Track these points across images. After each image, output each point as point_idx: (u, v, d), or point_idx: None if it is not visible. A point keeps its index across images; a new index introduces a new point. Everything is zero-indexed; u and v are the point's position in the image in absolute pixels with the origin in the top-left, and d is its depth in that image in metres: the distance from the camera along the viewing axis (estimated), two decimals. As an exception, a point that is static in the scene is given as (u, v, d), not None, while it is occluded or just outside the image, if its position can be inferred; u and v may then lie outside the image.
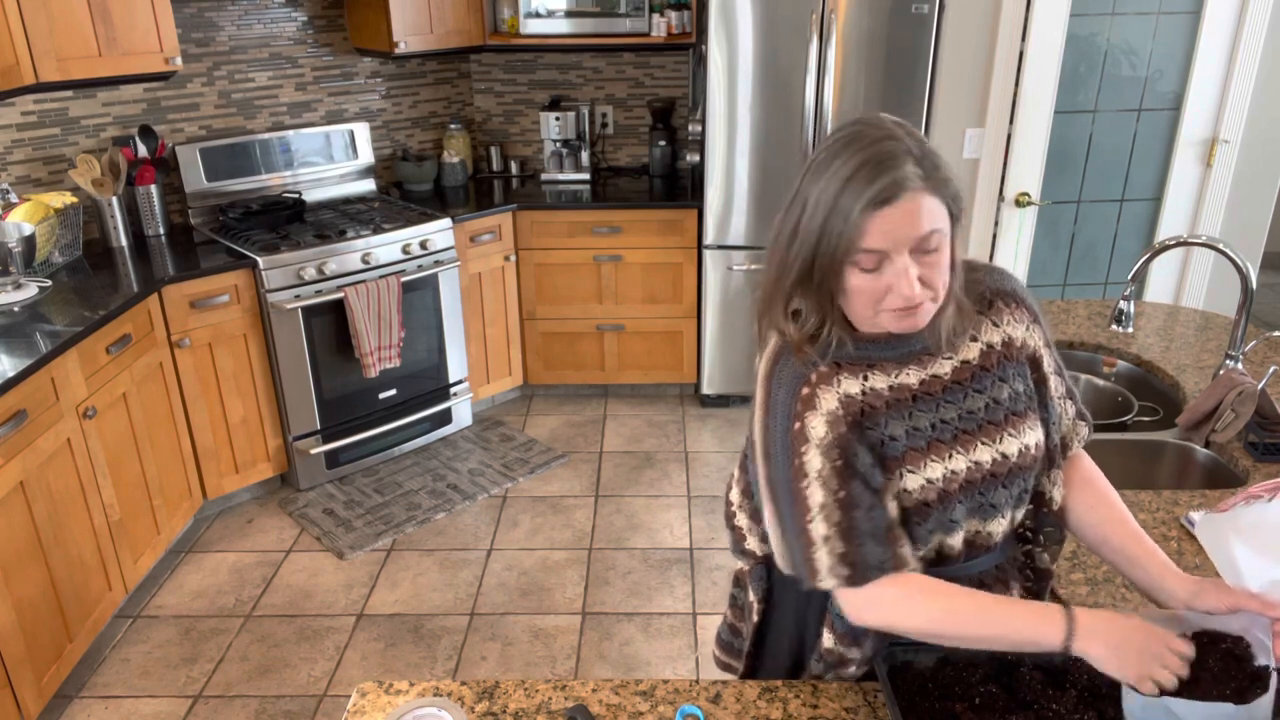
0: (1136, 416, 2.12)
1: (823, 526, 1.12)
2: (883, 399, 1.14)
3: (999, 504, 1.19)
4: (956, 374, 1.18)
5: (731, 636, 1.52)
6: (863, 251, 1.06)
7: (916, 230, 1.05)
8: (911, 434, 1.15)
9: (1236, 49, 3.50)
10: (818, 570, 1.14)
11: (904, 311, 1.09)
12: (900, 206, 1.04)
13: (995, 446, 1.18)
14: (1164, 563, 1.19)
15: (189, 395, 3.12)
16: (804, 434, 1.12)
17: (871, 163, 1.04)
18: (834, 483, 1.11)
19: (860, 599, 1.14)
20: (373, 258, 3.39)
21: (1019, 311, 1.24)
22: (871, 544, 1.12)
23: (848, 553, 1.12)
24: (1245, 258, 1.87)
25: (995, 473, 1.18)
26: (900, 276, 1.06)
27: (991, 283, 1.23)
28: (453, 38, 3.80)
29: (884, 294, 1.08)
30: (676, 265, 3.94)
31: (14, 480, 2.28)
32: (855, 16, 3.45)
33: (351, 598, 2.96)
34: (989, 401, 1.18)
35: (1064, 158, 3.70)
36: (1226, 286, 3.80)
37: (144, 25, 2.99)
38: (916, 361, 1.16)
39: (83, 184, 3.19)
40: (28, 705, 2.32)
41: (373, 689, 1.29)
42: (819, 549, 1.13)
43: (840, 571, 1.12)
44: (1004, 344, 1.21)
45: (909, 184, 1.04)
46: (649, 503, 3.45)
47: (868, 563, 1.12)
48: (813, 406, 1.12)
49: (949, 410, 1.16)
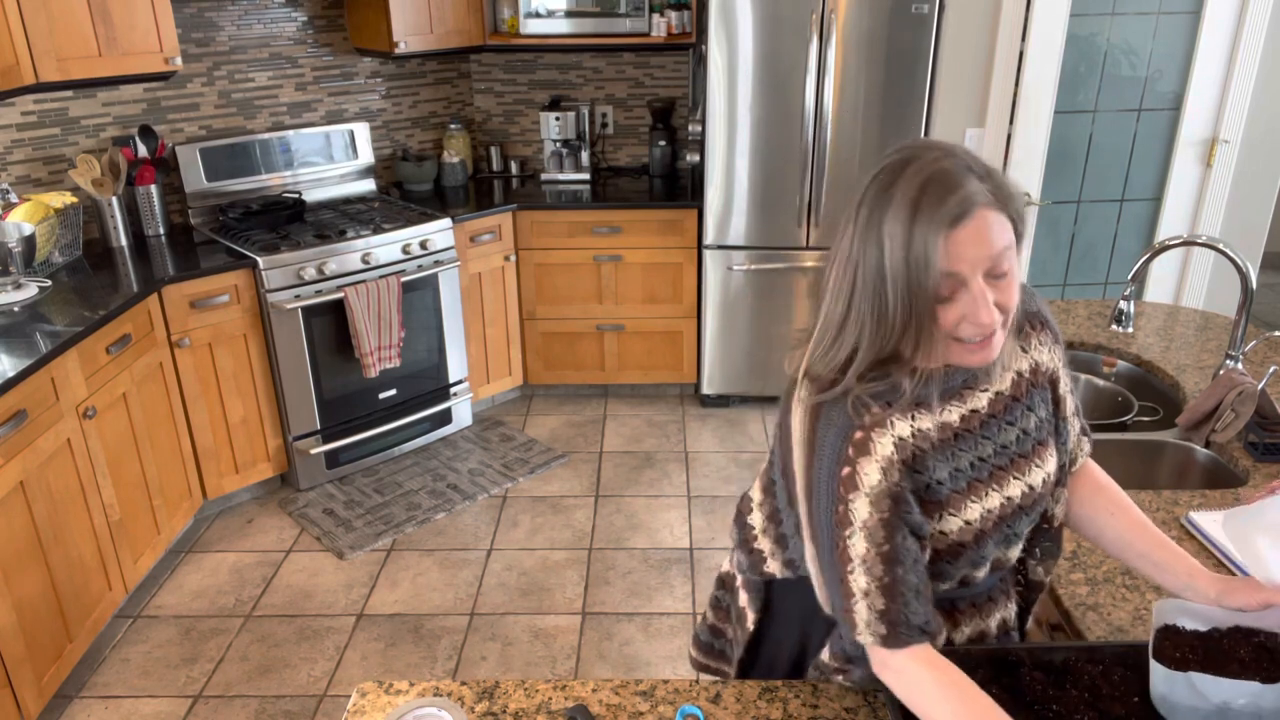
0: (1136, 416, 2.12)
1: (863, 580, 1.06)
2: (930, 440, 1.09)
3: (1021, 532, 1.19)
4: (992, 406, 1.14)
5: (712, 638, 1.50)
6: (944, 276, 0.99)
7: (989, 249, 0.99)
8: (954, 476, 1.10)
9: (1236, 49, 3.50)
10: (856, 624, 1.08)
11: (977, 346, 1.03)
12: (972, 225, 0.98)
13: (1025, 479, 1.16)
14: (1191, 564, 1.19)
15: (189, 395, 3.12)
16: (854, 480, 1.06)
17: (936, 181, 0.99)
18: (879, 534, 1.05)
19: (890, 662, 1.08)
20: (373, 258, 3.39)
21: (1044, 334, 1.21)
22: (915, 603, 1.06)
23: (888, 611, 1.06)
24: (1245, 258, 1.87)
25: (1023, 506, 1.16)
26: (977, 302, 1.00)
27: (1023, 305, 1.19)
28: (453, 38, 3.80)
29: (957, 323, 1.02)
30: (676, 265, 3.94)
31: (14, 480, 2.28)
32: (855, 16, 3.45)
33: (351, 598, 2.96)
34: (1019, 433, 1.16)
35: (1064, 158, 3.70)
36: (1226, 286, 3.80)
37: (144, 25, 2.99)
38: (958, 397, 1.12)
39: (83, 184, 3.19)
40: (28, 705, 2.32)
41: (373, 689, 1.29)
42: (858, 602, 1.07)
43: (878, 629, 1.07)
44: (1032, 370, 1.19)
45: (978, 200, 0.99)
46: (649, 503, 3.45)
47: (910, 623, 1.06)
48: (866, 452, 1.06)
49: (986, 446, 1.13)
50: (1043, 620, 1.57)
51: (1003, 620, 1.27)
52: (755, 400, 4.16)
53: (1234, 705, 1.02)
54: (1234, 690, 1.01)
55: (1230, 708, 1.02)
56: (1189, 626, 1.13)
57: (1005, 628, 1.27)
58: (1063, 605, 1.42)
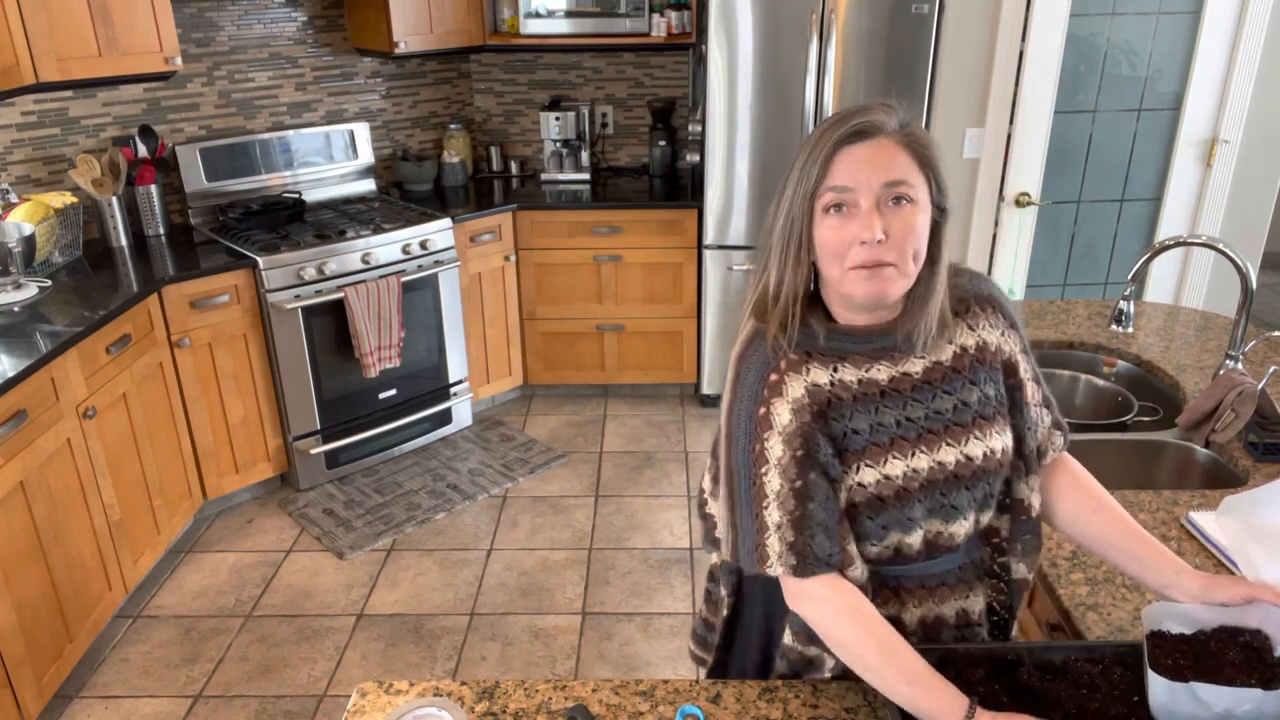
0: (1136, 416, 2.12)
1: (776, 514, 1.13)
2: (850, 391, 1.15)
3: (961, 506, 1.19)
4: (927, 374, 1.18)
5: (706, 631, 1.51)
6: (829, 189, 1.08)
7: (885, 173, 1.06)
8: (875, 429, 1.15)
9: (1236, 49, 3.50)
10: (767, 556, 1.14)
11: (869, 271, 1.09)
12: (870, 145, 1.07)
13: (960, 448, 1.18)
14: (1174, 560, 1.19)
15: (189, 395, 3.12)
16: (768, 420, 1.13)
17: (851, 110, 1.09)
18: (792, 471, 1.12)
19: (802, 590, 1.14)
20: (373, 258, 3.39)
21: (994, 316, 1.24)
22: (822, 536, 1.13)
23: (796, 542, 1.12)
24: (1245, 258, 1.87)
25: (958, 474, 1.18)
26: (864, 220, 1.07)
27: (970, 287, 1.24)
28: (453, 38, 3.80)
29: (849, 246, 1.08)
30: (676, 265, 3.94)
31: (14, 480, 2.28)
32: (855, 16, 3.45)
33: (351, 598, 2.96)
34: (957, 403, 1.18)
35: (1064, 158, 3.70)
36: (1226, 286, 3.80)
37: (144, 25, 2.99)
38: (888, 358, 1.17)
39: (83, 184, 3.19)
40: (28, 705, 2.32)
41: (373, 689, 1.29)
42: (770, 535, 1.14)
43: (788, 560, 1.13)
44: (978, 348, 1.21)
45: (884, 129, 1.08)
46: (649, 503, 3.45)
47: (815, 554, 1.12)
48: (779, 393, 1.13)
49: (916, 409, 1.17)
50: (1043, 620, 1.57)
51: (962, 610, 1.26)
52: (755, 400, 4.15)
53: (1236, 713, 1.01)
54: (1236, 698, 1.01)
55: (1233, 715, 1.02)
56: (1175, 630, 1.13)
57: (966, 619, 1.26)
58: (1063, 605, 1.42)
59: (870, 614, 1.12)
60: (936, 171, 1.11)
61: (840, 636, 1.13)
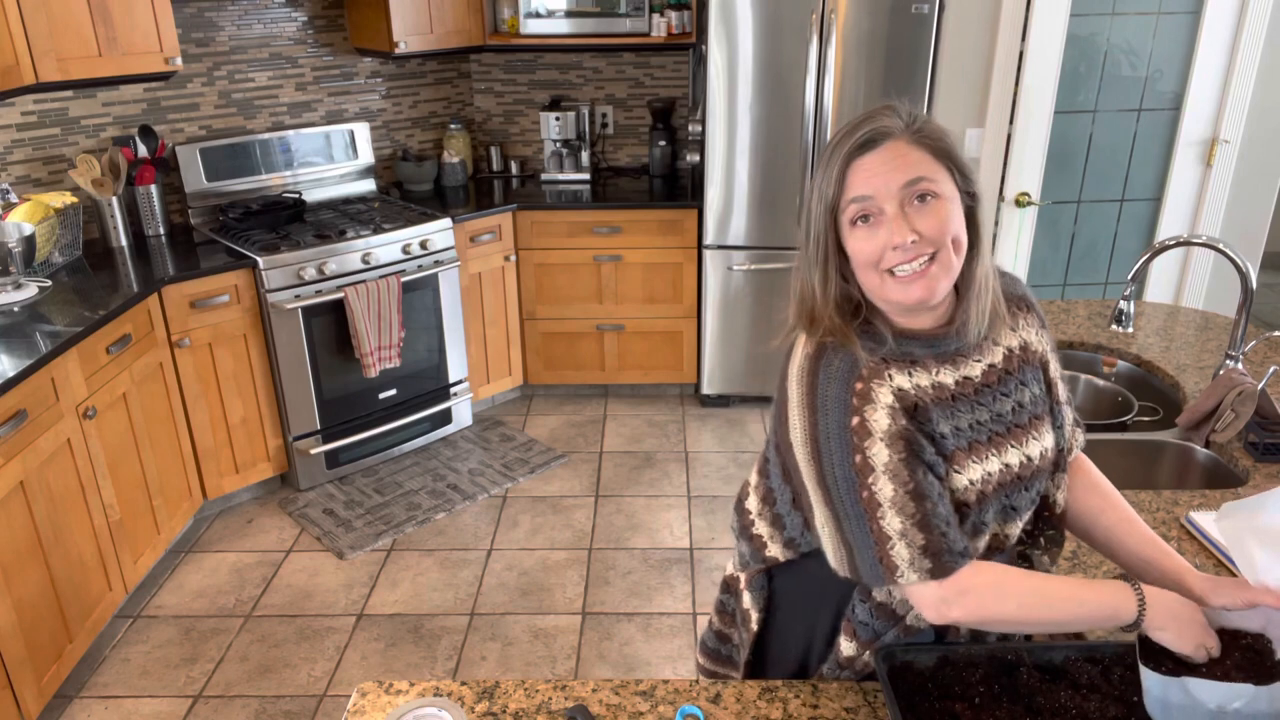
0: (1136, 416, 2.12)
1: (897, 521, 1.08)
2: (928, 396, 1.13)
3: (1020, 506, 1.20)
4: (985, 376, 1.17)
5: (719, 644, 1.49)
6: (851, 202, 1.08)
7: (902, 175, 1.06)
8: (957, 433, 1.14)
9: (1236, 49, 3.50)
10: (896, 566, 1.09)
11: (909, 278, 1.07)
12: (881, 151, 1.07)
13: (1022, 449, 1.18)
14: (1179, 562, 1.19)
15: (189, 395, 3.12)
16: (865, 428, 1.09)
17: (857, 121, 1.10)
18: (903, 474, 1.08)
19: (949, 591, 1.09)
20: (373, 258, 3.39)
21: (1030, 316, 1.25)
22: (952, 531, 1.09)
23: (929, 544, 1.08)
24: (1245, 258, 1.87)
25: (1021, 475, 1.18)
26: (893, 225, 1.07)
27: (1005, 287, 1.24)
28: (453, 38, 3.80)
29: (882, 253, 1.08)
30: (676, 265, 3.94)
31: (14, 480, 2.28)
32: (855, 16, 3.45)
33: (351, 598, 2.96)
34: (1015, 405, 1.19)
35: (1064, 158, 3.70)
36: (1226, 286, 3.80)
37: (144, 25, 2.99)
38: (950, 362, 1.16)
39: (83, 184, 3.19)
40: (28, 705, 2.32)
41: (373, 689, 1.29)
42: (895, 544, 1.08)
43: (923, 565, 1.08)
44: (1022, 348, 1.22)
45: (892, 133, 1.08)
46: (649, 503, 3.45)
47: (952, 550, 1.08)
48: (870, 400, 1.09)
49: (982, 411, 1.16)
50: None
51: None
52: (755, 400, 4.16)
53: (1229, 709, 1.01)
54: (1228, 694, 1.01)
55: (1225, 711, 1.02)
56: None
57: None
58: (1063, 605, 1.42)
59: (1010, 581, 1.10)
60: (956, 160, 1.10)
61: (1002, 614, 1.10)
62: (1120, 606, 1.07)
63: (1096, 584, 1.09)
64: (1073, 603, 1.09)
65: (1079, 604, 1.08)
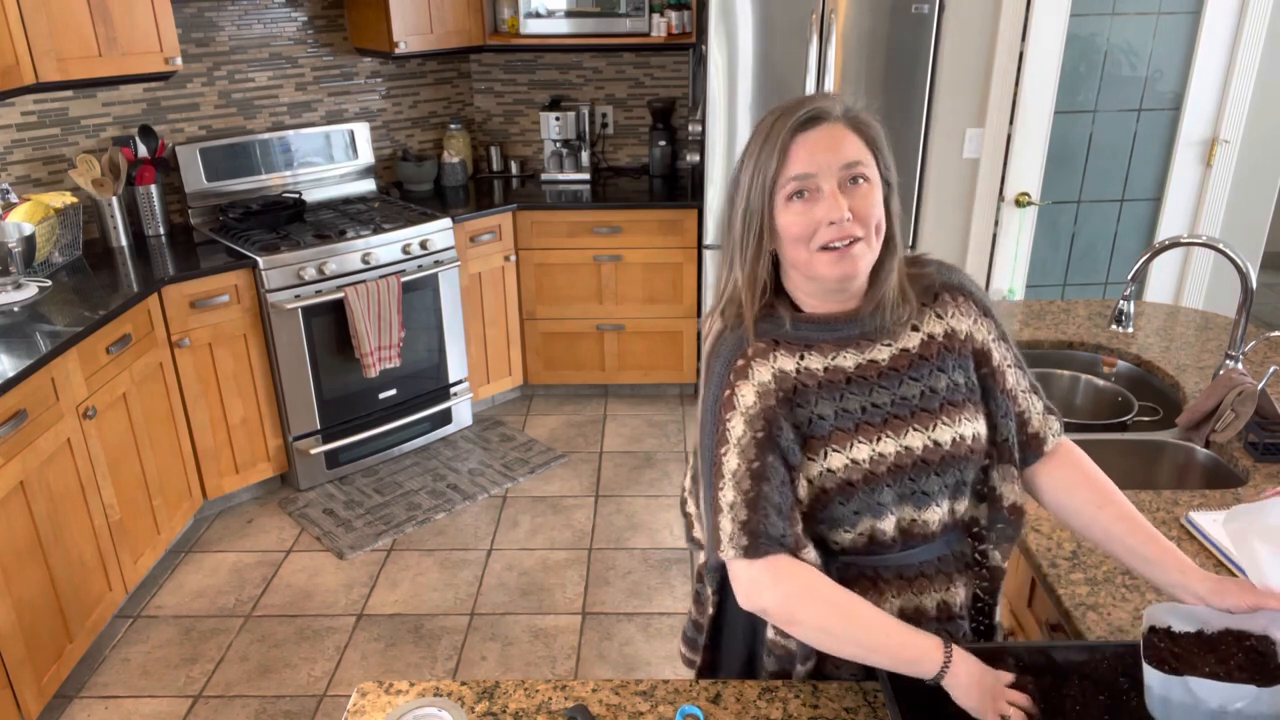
0: (1136, 416, 2.12)
1: (731, 494, 1.14)
2: (816, 379, 1.17)
3: (931, 492, 1.20)
4: (894, 361, 1.20)
5: (695, 632, 1.50)
6: (791, 179, 1.11)
7: (841, 155, 1.11)
8: (840, 415, 1.17)
9: (1236, 49, 3.50)
10: (719, 538, 1.15)
11: (838, 254, 1.12)
12: (823, 130, 1.11)
13: (927, 433, 1.19)
14: (1182, 560, 1.18)
15: (189, 395, 3.12)
16: (732, 401, 1.16)
17: (798, 101, 1.14)
18: (751, 452, 1.14)
19: (762, 575, 1.14)
20: (373, 258, 3.39)
21: (965, 305, 1.26)
22: (775, 517, 1.13)
23: (749, 521, 1.13)
24: (1245, 258, 1.87)
25: (927, 459, 1.19)
26: (829, 201, 1.10)
27: (939, 276, 1.26)
28: (453, 38, 3.80)
29: (816, 229, 1.12)
30: (676, 265, 3.94)
31: (14, 480, 2.28)
32: (855, 16, 3.45)
33: (351, 598, 2.96)
34: (925, 389, 1.20)
35: (1064, 158, 3.70)
36: (1226, 286, 3.80)
37: (144, 25, 2.99)
38: (854, 346, 1.19)
39: (83, 184, 3.19)
40: (28, 705, 2.32)
41: (373, 689, 1.29)
42: (724, 515, 1.15)
43: (740, 541, 1.14)
44: (946, 335, 1.23)
45: (832, 113, 1.12)
46: (649, 503, 3.45)
47: (768, 533, 1.13)
48: (745, 376, 1.16)
49: (882, 395, 1.19)
50: (1042, 620, 1.57)
51: (943, 602, 1.25)
52: (755, 400, 4.15)
53: (1230, 709, 1.01)
54: (1230, 694, 1.01)
55: (1226, 711, 1.02)
56: (1179, 628, 1.12)
57: (948, 611, 1.26)
58: (1063, 605, 1.42)
59: (825, 585, 1.14)
60: (882, 150, 1.16)
61: (808, 618, 1.14)
62: (925, 657, 1.09)
63: (910, 629, 1.12)
64: (879, 632, 1.11)
65: (885, 634, 1.11)
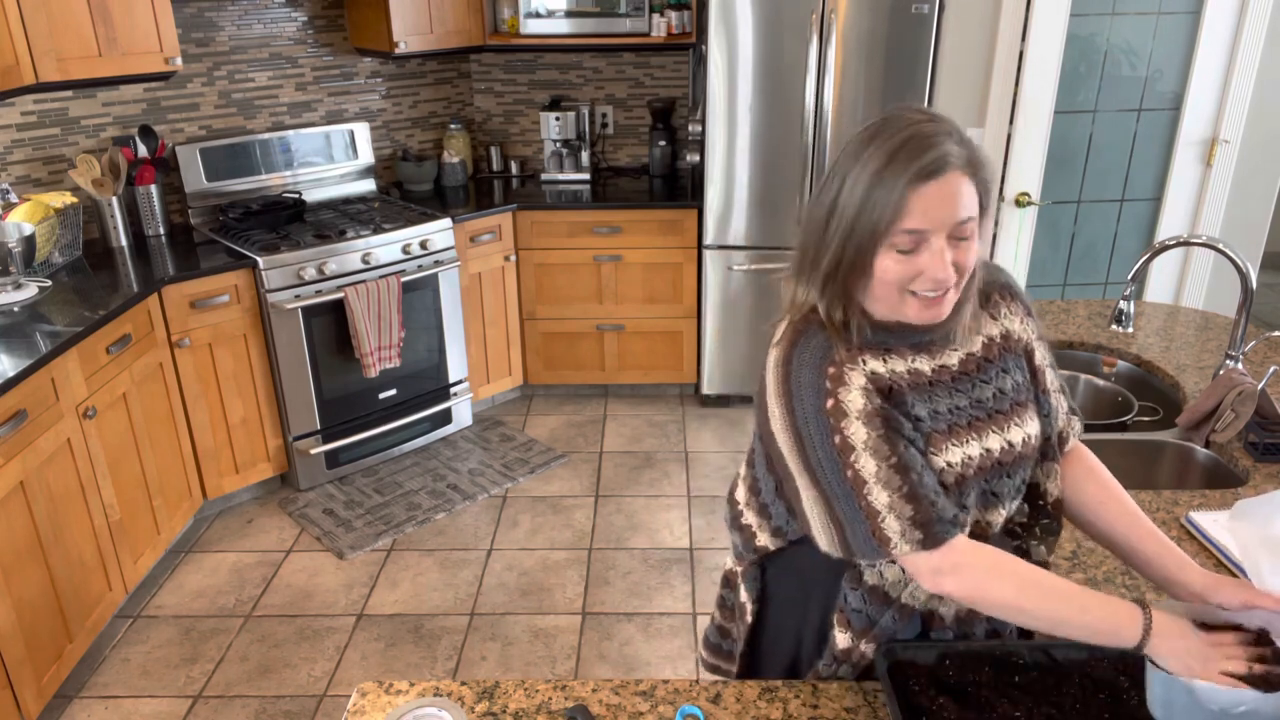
0: (1136, 416, 2.12)
1: (884, 495, 1.10)
2: (904, 380, 1.15)
3: (1002, 493, 1.20)
4: (963, 365, 1.19)
5: (720, 638, 1.50)
6: (904, 232, 1.06)
7: (956, 213, 1.06)
8: (934, 416, 1.15)
9: (1236, 49, 3.50)
10: (889, 539, 1.10)
11: (929, 301, 1.10)
12: (943, 184, 1.05)
13: (1003, 435, 1.19)
14: (1180, 557, 1.19)
15: (189, 395, 3.12)
16: (840, 409, 1.11)
17: (916, 139, 1.05)
18: (884, 449, 1.10)
19: (943, 562, 1.10)
20: (373, 258, 3.39)
21: (1014, 305, 1.26)
22: (940, 499, 1.11)
23: (917, 515, 1.09)
24: (1245, 258, 1.87)
25: (1002, 461, 1.19)
26: (935, 259, 1.07)
27: (988, 276, 1.25)
28: (453, 38, 3.80)
29: (913, 278, 1.08)
30: (676, 265, 3.94)
31: (14, 480, 2.28)
32: (855, 16, 3.45)
33: (351, 598, 2.96)
34: (996, 391, 1.20)
35: (1064, 158, 3.70)
36: (1226, 286, 3.80)
37: (144, 25, 2.99)
38: (926, 351, 1.18)
39: (83, 184, 3.19)
40: (28, 705, 2.32)
41: (373, 689, 1.29)
42: (885, 518, 1.10)
43: (914, 535, 1.09)
44: (1003, 336, 1.23)
45: (952, 162, 1.05)
46: (649, 503, 3.45)
47: (943, 519, 1.10)
48: (843, 382, 1.12)
49: (961, 397, 1.18)
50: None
51: None
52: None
53: (1233, 712, 1.01)
54: (1233, 697, 1.01)
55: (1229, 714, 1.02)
56: None
57: None
58: (1063, 605, 1.42)
59: (1008, 562, 1.11)
60: (992, 191, 1.12)
61: (998, 596, 1.10)
62: (1124, 625, 1.05)
63: (1104, 597, 1.08)
64: (1074, 605, 1.08)
65: (1081, 609, 1.07)
